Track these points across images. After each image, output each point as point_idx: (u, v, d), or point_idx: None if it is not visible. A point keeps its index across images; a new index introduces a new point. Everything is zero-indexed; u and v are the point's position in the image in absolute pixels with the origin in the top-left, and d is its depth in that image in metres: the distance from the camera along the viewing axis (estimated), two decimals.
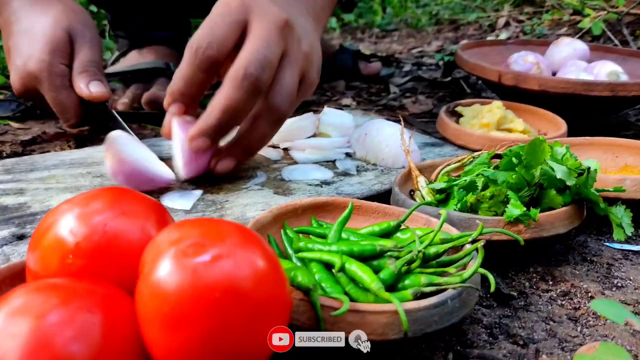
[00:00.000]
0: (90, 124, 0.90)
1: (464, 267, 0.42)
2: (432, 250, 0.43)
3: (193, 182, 0.64)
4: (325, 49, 1.47)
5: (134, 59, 1.18)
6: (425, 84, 1.36)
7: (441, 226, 0.41)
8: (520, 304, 0.48)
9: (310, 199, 0.54)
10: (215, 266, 0.28)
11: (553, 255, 0.56)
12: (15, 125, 1.03)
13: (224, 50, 0.56)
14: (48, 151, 0.85)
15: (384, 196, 0.63)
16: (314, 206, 0.54)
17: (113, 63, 1.23)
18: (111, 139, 0.59)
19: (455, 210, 0.53)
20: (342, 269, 0.41)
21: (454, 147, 0.80)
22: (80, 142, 0.89)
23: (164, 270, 0.28)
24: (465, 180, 0.56)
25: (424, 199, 0.60)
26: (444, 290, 0.39)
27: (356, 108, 1.18)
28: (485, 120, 0.82)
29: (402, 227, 0.49)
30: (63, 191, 0.61)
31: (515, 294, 0.49)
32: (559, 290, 0.50)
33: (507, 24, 2.21)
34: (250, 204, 0.59)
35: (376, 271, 0.41)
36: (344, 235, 0.49)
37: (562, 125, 0.82)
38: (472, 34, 2.29)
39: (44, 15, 0.76)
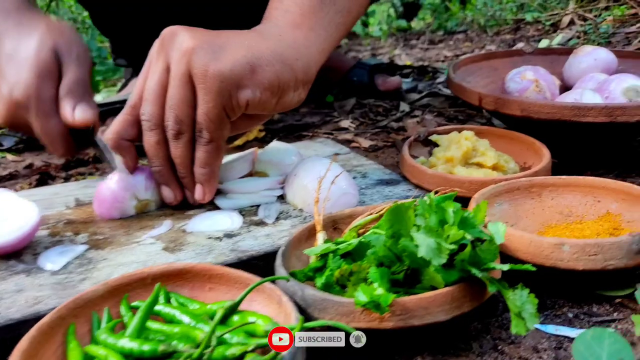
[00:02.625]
0: (79, 153, 0.88)
1: None
2: (231, 351, 0.35)
3: (85, 235, 0.60)
4: (338, 65, 1.40)
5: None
6: (442, 100, 1.24)
7: (219, 319, 0.33)
8: None
9: (163, 266, 0.47)
10: None
11: (455, 340, 0.45)
12: (10, 157, 1.06)
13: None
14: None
15: None
16: (167, 275, 0.47)
17: (118, 92, 1.25)
18: None
19: (318, 286, 0.44)
20: None
21: (408, 187, 0.69)
22: (42, 180, 0.89)
23: None
24: (350, 243, 0.47)
25: None
26: None
27: (355, 130, 1.09)
28: (449, 154, 0.70)
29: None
30: None
31: None
32: None
33: (571, 23, 1.98)
34: (126, 264, 0.54)
35: None
36: (177, 315, 0.42)
37: (545, 157, 0.68)
38: (531, 36, 2.08)
39: (28, 36, 0.71)
